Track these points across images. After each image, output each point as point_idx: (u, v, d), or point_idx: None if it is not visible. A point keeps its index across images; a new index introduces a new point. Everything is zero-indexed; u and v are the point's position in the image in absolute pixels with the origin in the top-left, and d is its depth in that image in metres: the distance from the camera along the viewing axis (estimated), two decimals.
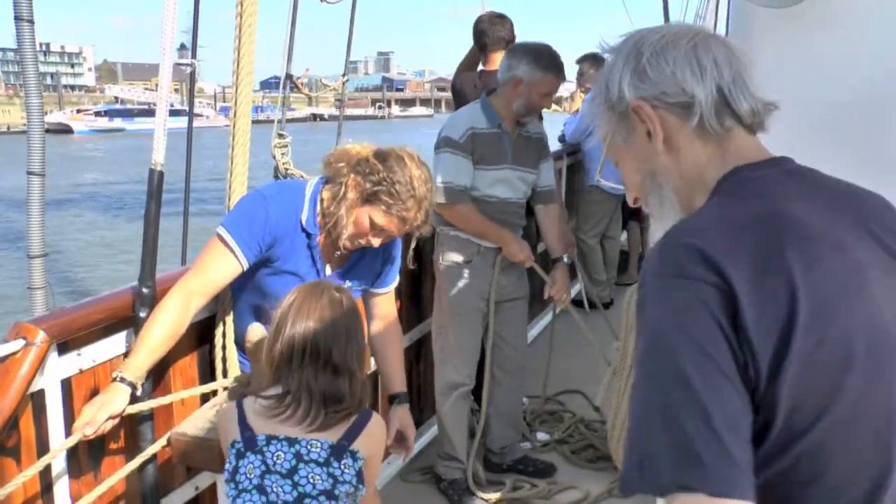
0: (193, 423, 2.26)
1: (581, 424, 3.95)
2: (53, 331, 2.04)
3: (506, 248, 3.30)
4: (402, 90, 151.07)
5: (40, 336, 2.01)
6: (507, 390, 3.52)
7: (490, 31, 4.09)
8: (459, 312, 3.31)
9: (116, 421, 2.11)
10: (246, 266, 2.24)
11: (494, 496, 3.34)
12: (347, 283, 2.40)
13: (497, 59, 3.84)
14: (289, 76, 3.59)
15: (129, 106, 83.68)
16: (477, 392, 3.53)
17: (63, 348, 2.11)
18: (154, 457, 2.27)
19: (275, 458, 1.78)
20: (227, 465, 1.84)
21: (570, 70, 6.05)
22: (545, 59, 3.21)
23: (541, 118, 3.76)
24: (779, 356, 0.90)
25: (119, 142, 50.54)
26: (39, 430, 2.07)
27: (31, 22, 2.85)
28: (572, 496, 3.36)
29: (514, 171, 3.30)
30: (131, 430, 2.29)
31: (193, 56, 2.45)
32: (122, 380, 2.10)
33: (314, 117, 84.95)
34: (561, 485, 3.43)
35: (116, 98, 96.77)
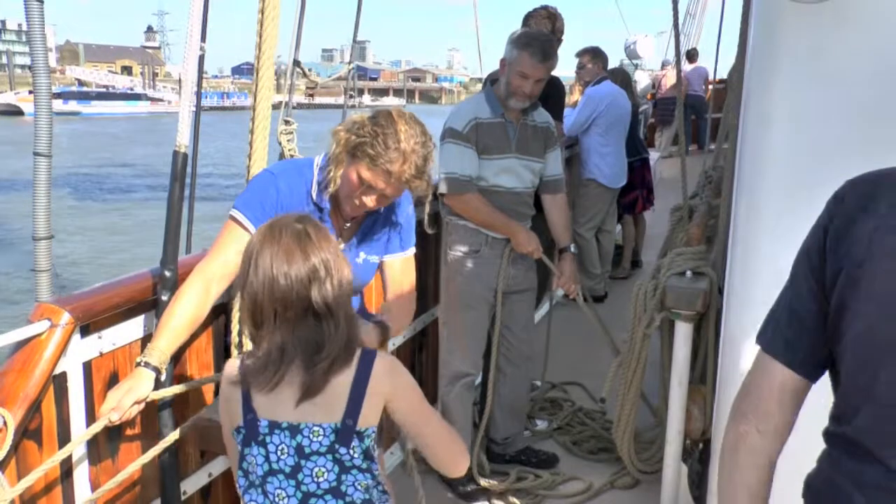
0: (216, 408, 2.24)
1: (580, 413, 3.98)
2: (77, 312, 2.02)
3: (514, 239, 3.30)
4: (375, 79, 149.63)
5: (65, 318, 1.98)
6: (513, 381, 3.52)
7: (532, 27, 4.05)
8: (467, 303, 3.31)
9: (142, 406, 2.07)
10: None
11: (499, 486, 3.35)
12: (362, 255, 2.38)
13: None
14: (296, 62, 3.53)
15: (85, 89, 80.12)
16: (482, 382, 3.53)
17: (84, 331, 2.08)
18: (174, 443, 2.24)
19: (278, 454, 1.65)
20: (238, 451, 1.72)
21: (571, 64, 6.08)
22: (524, 38, 3.18)
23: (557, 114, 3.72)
24: (834, 278, 1.21)
25: (73, 125, 48.35)
26: (61, 413, 2.04)
27: (41, 0, 2.78)
28: (575, 487, 3.38)
29: (518, 160, 3.30)
30: (148, 415, 2.26)
31: (203, 40, 2.39)
32: (147, 364, 2.06)
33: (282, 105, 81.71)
34: (564, 476, 3.45)
35: (78, 80, 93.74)
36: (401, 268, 2.48)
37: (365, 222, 2.38)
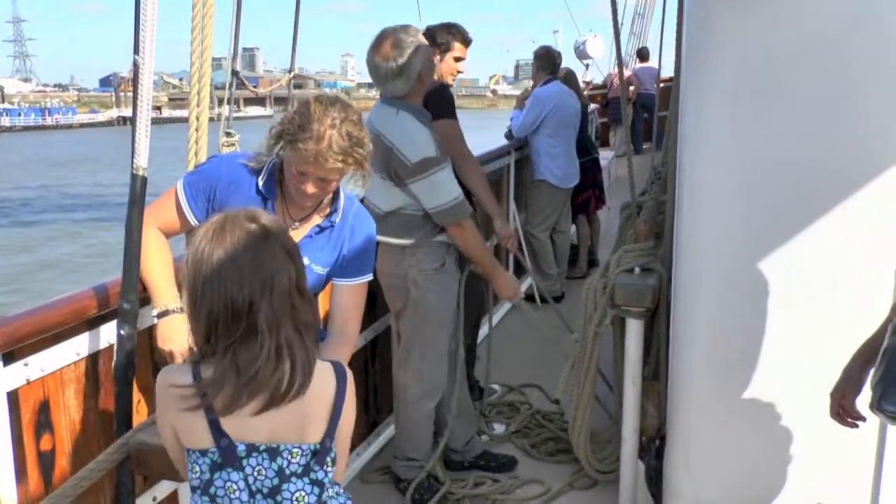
0: (151, 430, 2.16)
1: (538, 415, 3.96)
2: None
3: (495, 283, 3.19)
4: (255, 87, 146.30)
5: None
6: (461, 387, 3.45)
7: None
8: (443, 321, 3.19)
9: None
10: (191, 218, 2.29)
11: (456, 493, 3.30)
12: (305, 259, 2.31)
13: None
14: (235, 73, 3.47)
15: None
16: None
17: (8, 358, 1.99)
18: (124, 464, 2.14)
19: (256, 475, 1.58)
20: (195, 474, 1.60)
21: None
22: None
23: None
24: None
25: None
26: None
27: None
28: (534, 490, 3.35)
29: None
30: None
31: (136, 52, 2.27)
32: (172, 311, 2.21)
33: (122, 121, 71.16)
34: (522, 479, 3.42)
35: None
36: (352, 294, 2.41)
37: (314, 229, 2.33)
